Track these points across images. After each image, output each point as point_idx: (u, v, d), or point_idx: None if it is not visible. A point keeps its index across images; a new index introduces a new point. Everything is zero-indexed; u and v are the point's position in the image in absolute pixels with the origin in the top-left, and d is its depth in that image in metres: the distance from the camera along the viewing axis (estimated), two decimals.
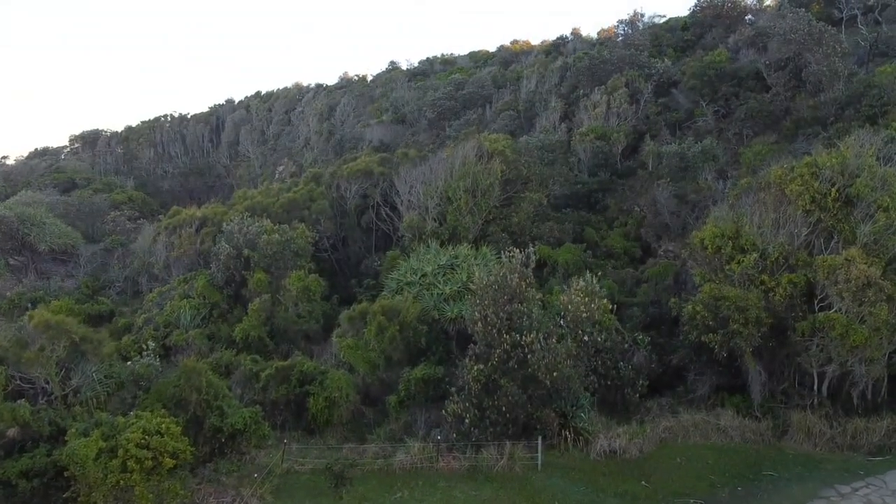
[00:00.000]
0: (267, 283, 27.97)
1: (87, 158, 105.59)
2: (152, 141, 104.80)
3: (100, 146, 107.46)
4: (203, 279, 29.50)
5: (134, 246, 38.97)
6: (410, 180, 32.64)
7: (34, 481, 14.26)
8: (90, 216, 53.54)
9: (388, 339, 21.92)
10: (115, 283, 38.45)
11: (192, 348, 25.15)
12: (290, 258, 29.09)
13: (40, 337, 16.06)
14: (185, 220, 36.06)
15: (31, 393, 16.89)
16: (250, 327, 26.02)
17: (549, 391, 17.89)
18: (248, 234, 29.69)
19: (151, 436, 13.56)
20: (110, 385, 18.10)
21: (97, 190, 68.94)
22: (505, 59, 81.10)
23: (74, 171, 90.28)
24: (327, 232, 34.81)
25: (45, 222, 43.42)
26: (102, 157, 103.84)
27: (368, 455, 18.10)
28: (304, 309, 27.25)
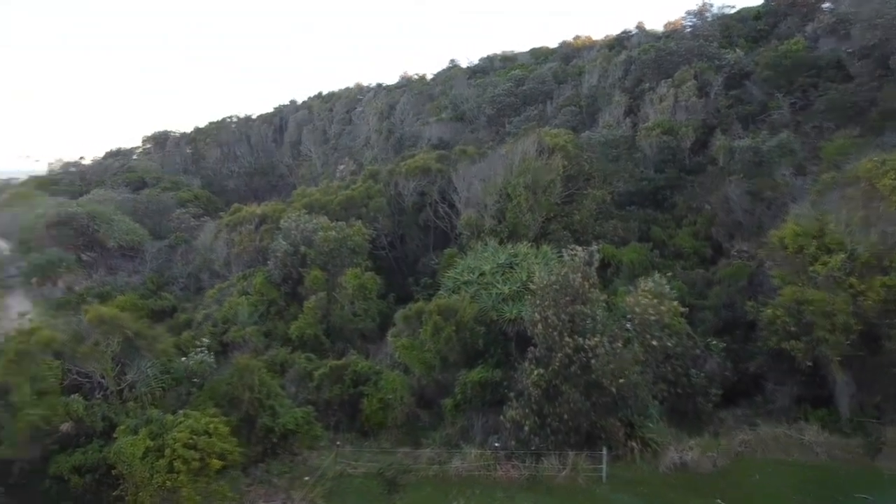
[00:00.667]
0: (323, 280, 27.65)
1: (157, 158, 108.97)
2: (219, 141, 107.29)
3: (169, 146, 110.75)
4: (261, 276, 29.45)
5: (197, 243, 39.45)
6: (469, 177, 31.87)
7: (86, 477, 14.15)
8: (157, 214, 54.78)
9: (444, 339, 21.18)
10: (179, 279, 39.01)
11: (248, 345, 25.02)
12: (346, 255, 28.71)
13: (95, 331, 15.97)
14: (245, 218, 36.26)
15: (87, 387, 16.85)
16: (306, 325, 25.71)
17: (614, 399, 16.78)
18: (305, 231, 29.49)
19: (199, 436, 13.22)
20: (165, 381, 17.95)
21: (165, 188, 70.78)
22: (566, 55, 79.38)
23: (145, 170, 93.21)
24: (384, 229, 34.40)
25: (114, 219, 44.56)
26: (171, 156, 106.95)
27: (423, 460, 17.42)
28: (359, 307, 26.80)
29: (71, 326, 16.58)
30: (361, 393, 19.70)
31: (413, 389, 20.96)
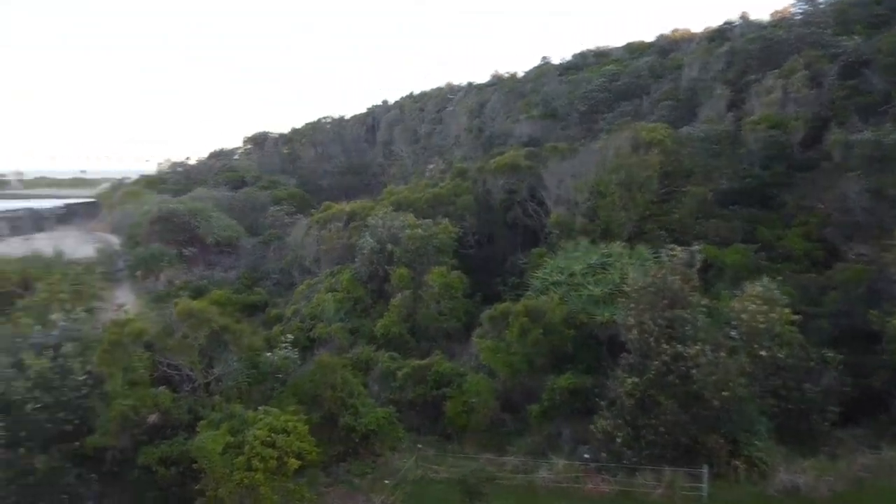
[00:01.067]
0: (409, 278, 27.37)
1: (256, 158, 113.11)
2: (314, 141, 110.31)
3: (267, 147, 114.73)
4: (348, 273, 29.54)
5: (289, 239, 40.32)
6: (559, 174, 30.82)
7: (171, 469, 14.27)
8: (253, 211, 56.57)
9: (531, 342, 20.33)
10: (272, 274, 39.98)
11: (334, 342, 25.05)
12: (432, 254, 28.34)
13: (184, 325, 16.16)
14: (335, 215, 36.68)
15: (177, 379, 17.11)
16: (391, 323, 25.49)
17: (716, 413, 15.41)
18: (392, 228, 29.34)
19: (277, 434, 13.02)
20: (252, 376, 18.02)
21: (263, 187, 73.19)
22: (663, 49, 76.19)
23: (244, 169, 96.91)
24: (472, 228, 33.83)
25: (213, 216, 46.29)
26: (269, 156, 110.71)
27: (508, 468, 16.65)
28: (445, 306, 26.33)
29: (161, 319, 16.89)
30: (444, 395, 19.17)
31: (497, 393, 20.22)
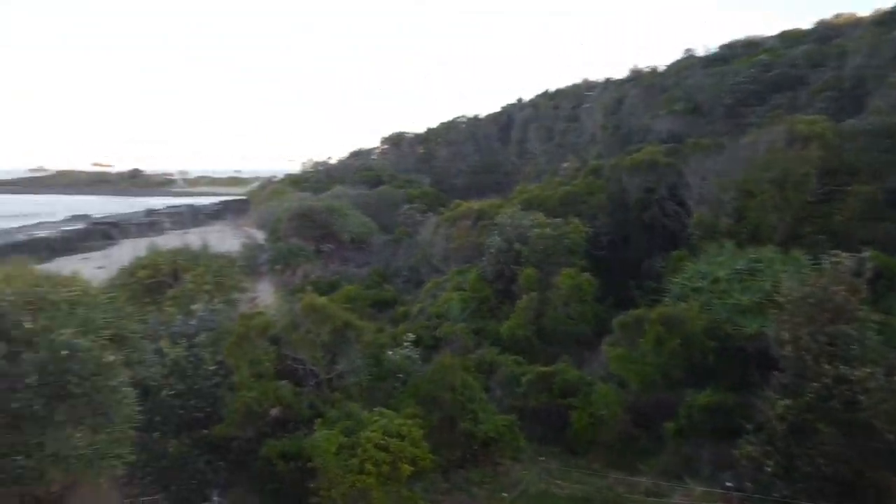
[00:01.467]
0: (537, 279, 26.38)
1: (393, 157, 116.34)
2: (448, 141, 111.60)
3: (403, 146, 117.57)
4: (474, 272, 29.04)
5: (419, 237, 40.62)
6: (702, 172, 28.59)
7: (290, 464, 14.31)
8: (387, 209, 57.83)
9: (667, 352, 18.74)
10: (402, 271, 40.43)
11: (458, 342, 24.56)
12: (562, 254, 27.18)
13: (307, 320, 16.25)
14: (464, 213, 36.39)
15: (301, 374, 17.28)
16: (517, 326, 24.66)
17: (890, 447, 13.25)
18: (520, 227, 28.48)
19: (391, 437, 12.62)
20: (373, 374, 17.90)
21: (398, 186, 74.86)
22: (823, 35, 69.45)
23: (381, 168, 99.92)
24: (605, 228, 32.23)
25: (348, 214, 47.67)
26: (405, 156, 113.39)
27: (639, 490, 15.36)
28: (574, 310, 25.10)
29: (287, 314, 17.13)
30: (570, 405, 18.07)
31: (628, 406, 18.80)
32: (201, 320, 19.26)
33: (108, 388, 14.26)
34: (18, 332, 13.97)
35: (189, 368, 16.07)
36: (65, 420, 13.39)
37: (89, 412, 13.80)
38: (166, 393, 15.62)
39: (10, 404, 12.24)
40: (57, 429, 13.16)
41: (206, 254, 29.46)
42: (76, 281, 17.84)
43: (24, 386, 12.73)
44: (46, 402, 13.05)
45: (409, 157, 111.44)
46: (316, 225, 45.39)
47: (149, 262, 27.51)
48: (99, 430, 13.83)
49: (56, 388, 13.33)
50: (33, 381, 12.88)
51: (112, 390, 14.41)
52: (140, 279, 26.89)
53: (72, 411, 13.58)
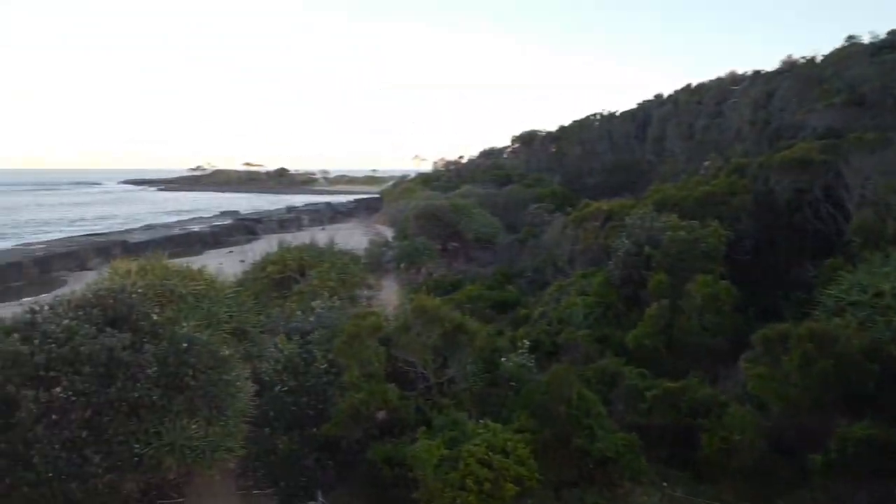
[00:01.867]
0: (668, 286, 24.50)
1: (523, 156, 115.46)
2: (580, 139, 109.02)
3: (535, 145, 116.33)
4: (600, 276, 27.56)
5: (544, 238, 39.50)
6: (865, 170, 25.40)
7: (395, 470, 13.94)
8: (514, 209, 57.01)
9: (816, 374, 16.50)
10: (526, 272, 39.48)
11: (579, 349, 23.33)
12: (697, 259, 25.09)
13: (418, 322, 15.85)
14: (592, 214, 34.86)
15: (411, 376, 16.94)
16: (644, 335, 22.97)
17: None
18: (651, 229, 26.65)
19: (495, 453, 11.82)
20: (485, 380, 17.22)
21: (527, 185, 73.92)
22: None
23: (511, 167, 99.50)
24: (747, 231, 29.46)
25: (474, 213, 47.38)
26: (536, 155, 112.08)
27: None
28: (709, 320, 23.02)
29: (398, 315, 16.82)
30: (700, 426, 16.39)
31: (767, 431, 16.77)
32: (319, 317, 19.46)
33: (223, 382, 14.53)
34: (145, 322, 14.51)
35: (301, 365, 16.18)
36: (182, 410, 13.74)
37: (204, 404, 14.11)
38: (279, 389, 15.81)
39: (131, 393, 12.69)
40: (174, 419, 13.51)
41: (332, 251, 30.12)
42: (203, 275, 18.45)
43: (145, 376, 13.16)
44: (164, 393, 13.43)
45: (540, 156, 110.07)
46: (441, 223, 45.47)
47: (277, 259, 28.51)
48: (213, 423, 14.10)
49: (174, 380, 13.70)
50: (153, 372, 13.29)
51: (227, 384, 14.67)
52: (269, 274, 27.91)
53: (188, 402, 13.91)
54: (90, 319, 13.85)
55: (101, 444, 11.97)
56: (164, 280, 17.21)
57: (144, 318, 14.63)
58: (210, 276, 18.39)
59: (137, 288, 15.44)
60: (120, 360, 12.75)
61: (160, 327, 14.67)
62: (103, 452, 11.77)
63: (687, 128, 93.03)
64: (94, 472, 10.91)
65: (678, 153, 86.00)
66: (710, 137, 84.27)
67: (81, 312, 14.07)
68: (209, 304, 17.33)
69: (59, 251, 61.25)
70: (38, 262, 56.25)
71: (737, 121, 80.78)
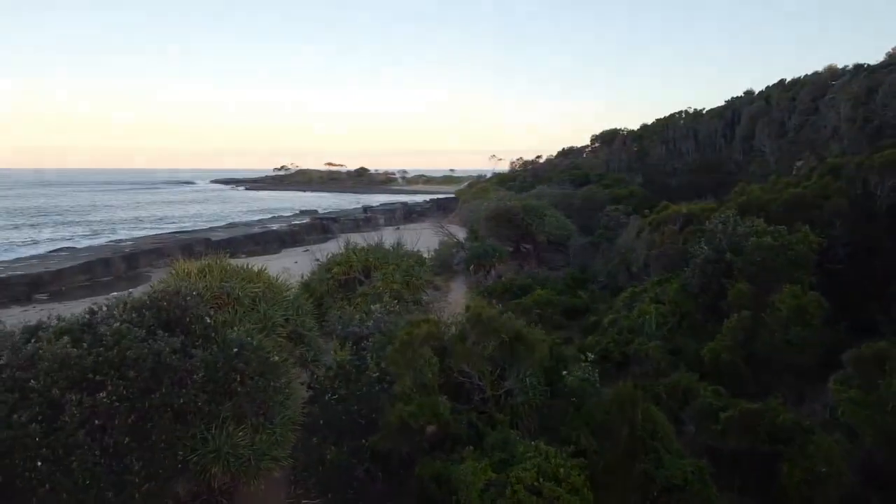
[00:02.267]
0: (750, 296, 22.77)
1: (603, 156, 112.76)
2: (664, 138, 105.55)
3: (615, 144, 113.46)
4: (676, 283, 26.00)
5: (618, 241, 37.94)
6: None
7: (443, 488, 13.25)
8: (589, 210, 55.30)
9: None
10: (598, 277, 38.05)
11: (650, 361, 22.01)
12: (783, 268, 23.22)
13: (473, 331, 15.13)
14: (670, 217, 33.13)
15: (467, 387, 16.24)
16: (722, 349, 21.39)
17: None
18: (734, 234, 24.91)
19: (547, 480, 10.94)
20: (545, 394, 16.32)
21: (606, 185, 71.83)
22: None
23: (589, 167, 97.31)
24: (842, 238, 27.15)
25: (546, 214, 46.17)
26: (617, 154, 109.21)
27: None
28: (795, 335, 21.18)
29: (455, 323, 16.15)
30: (780, 454, 14.93)
31: (858, 463, 15.12)
32: (377, 322, 19.07)
33: (272, 388, 14.24)
34: (198, 325, 14.38)
35: (353, 373, 15.77)
36: (229, 416, 13.53)
37: (252, 411, 13.85)
38: (329, 396, 15.44)
39: (177, 399, 12.54)
40: (221, 425, 13.31)
41: (398, 252, 29.78)
42: (262, 277, 18.31)
43: (192, 381, 13.00)
44: (210, 399, 13.23)
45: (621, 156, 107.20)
46: (512, 225, 44.51)
47: (343, 260, 28.41)
48: (260, 430, 13.84)
49: (222, 385, 13.49)
50: (199, 378, 13.12)
51: (276, 390, 14.38)
52: (335, 275, 27.84)
53: (236, 409, 13.69)
54: (143, 322, 13.81)
55: (144, 450, 11.82)
56: (222, 282, 17.11)
57: (198, 320, 14.51)
58: (269, 278, 18.24)
59: (192, 290, 15.33)
60: (167, 365, 12.59)
61: (213, 330, 14.53)
62: (145, 459, 11.61)
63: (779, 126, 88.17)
64: (132, 480, 10.73)
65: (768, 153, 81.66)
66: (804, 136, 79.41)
67: (135, 314, 14.06)
68: (266, 307, 17.13)
69: (145, 248, 64.05)
70: (125, 259, 58.97)
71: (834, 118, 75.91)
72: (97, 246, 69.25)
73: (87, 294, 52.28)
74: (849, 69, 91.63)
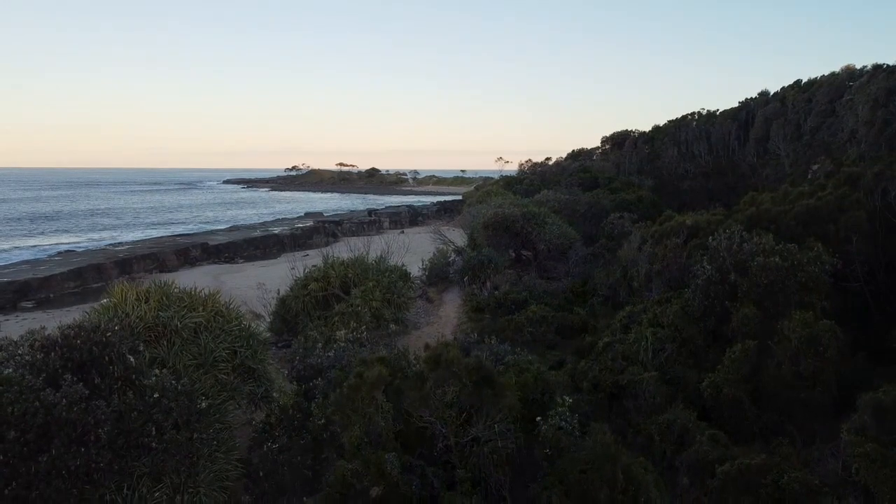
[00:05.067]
0: (757, 322, 20.69)
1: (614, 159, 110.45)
2: (676, 140, 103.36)
3: (626, 147, 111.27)
4: (677, 305, 23.92)
5: (619, 252, 35.84)
6: None
7: None
8: (596, 217, 53.14)
9: None
10: (598, 290, 36.00)
11: (644, 395, 19.97)
12: (793, 291, 21.11)
13: (433, 375, 13.26)
14: (673, 229, 30.97)
15: (430, 433, 14.36)
16: (724, 381, 19.29)
17: None
18: (740, 252, 22.81)
19: None
20: (517, 442, 14.41)
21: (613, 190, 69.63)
22: None
23: (599, 170, 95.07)
24: (860, 255, 24.98)
25: (547, 221, 44.08)
26: (628, 156, 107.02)
27: None
28: (806, 367, 19.06)
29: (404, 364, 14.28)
30: None
31: None
32: (339, 353, 17.23)
33: (197, 441, 12.35)
34: (118, 366, 12.55)
35: (298, 418, 13.95)
36: (145, 473, 11.69)
37: (172, 468, 11.98)
38: (269, 446, 13.63)
39: (74, 460, 10.75)
40: (134, 485, 11.49)
41: (380, 266, 27.93)
42: (209, 303, 16.47)
43: (96, 438, 11.17)
44: (119, 455, 11.40)
45: (632, 158, 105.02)
46: (511, 232, 42.51)
47: (320, 275, 26.60)
48: (180, 490, 11.97)
49: (135, 439, 11.65)
50: (105, 433, 11.29)
51: (203, 443, 12.49)
52: (311, 292, 26.04)
53: (154, 465, 11.85)
54: (47, 366, 11.99)
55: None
56: (159, 311, 15.28)
57: (119, 360, 12.69)
58: (218, 305, 16.39)
59: (116, 324, 13.49)
60: (63, 420, 10.75)
61: (135, 372, 12.71)
62: None
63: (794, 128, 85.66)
64: None
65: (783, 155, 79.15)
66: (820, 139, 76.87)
67: (41, 355, 12.25)
68: (208, 339, 15.28)
69: (140, 252, 62.69)
70: (118, 264, 57.63)
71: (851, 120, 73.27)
72: (94, 250, 68.03)
73: (76, 301, 50.94)
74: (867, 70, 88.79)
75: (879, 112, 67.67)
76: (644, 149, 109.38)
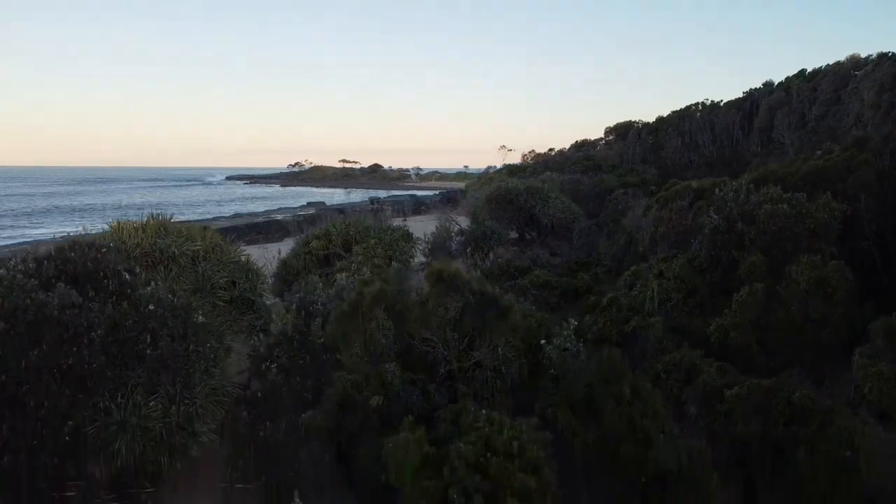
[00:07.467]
0: (764, 269, 20.36)
1: (618, 149, 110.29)
2: (680, 130, 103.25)
3: (630, 137, 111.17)
4: (682, 258, 23.59)
5: (624, 221, 35.52)
6: None
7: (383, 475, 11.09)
8: (598, 196, 52.77)
9: None
10: (602, 260, 35.69)
11: (649, 340, 19.62)
12: (802, 237, 20.76)
13: (434, 291, 12.97)
14: (679, 193, 30.64)
15: (432, 358, 14.06)
16: (731, 325, 18.95)
17: None
18: (746, 203, 22.49)
19: (496, 455, 8.67)
20: (522, 365, 14.14)
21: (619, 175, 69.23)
22: None
23: (602, 159, 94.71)
24: (868, 213, 24.61)
25: (551, 197, 43.79)
26: (631, 146, 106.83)
27: None
28: (815, 310, 18.73)
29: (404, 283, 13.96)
30: (797, 437, 12.57)
31: (888, 448, 12.75)
32: (339, 290, 16.92)
33: (193, 353, 12.08)
34: (113, 281, 12.25)
35: (297, 339, 13.67)
36: (140, 384, 11.43)
37: (167, 379, 11.72)
38: (266, 366, 13.35)
39: (65, 359, 10.49)
40: (128, 394, 11.23)
41: (380, 226, 27.66)
42: (208, 235, 16.19)
43: (88, 341, 10.90)
44: (113, 362, 11.14)
45: (635, 149, 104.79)
46: (515, 207, 42.19)
47: (321, 234, 26.33)
48: (176, 401, 11.71)
49: (129, 347, 11.38)
50: (99, 336, 11.01)
51: (199, 356, 12.21)
52: (312, 250, 25.77)
53: (148, 375, 11.58)
54: (39, 273, 11.73)
55: (16, 418, 9.74)
56: (157, 238, 15.00)
57: (113, 276, 12.40)
58: (216, 237, 16.11)
59: (111, 243, 13.23)
60: (53, 319, 10.47)
61: (130, 287, 12.41)
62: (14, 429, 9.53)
63: (799, 117, 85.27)
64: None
65: (788, 144, 78.71)
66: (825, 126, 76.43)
67: (34, 264, 12.00)
68: (206, 267, 14.98)
69: None
70: None
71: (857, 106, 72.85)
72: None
73: None
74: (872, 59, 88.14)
75: (885, 96, 67.37)
76: (648, 139, 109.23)
